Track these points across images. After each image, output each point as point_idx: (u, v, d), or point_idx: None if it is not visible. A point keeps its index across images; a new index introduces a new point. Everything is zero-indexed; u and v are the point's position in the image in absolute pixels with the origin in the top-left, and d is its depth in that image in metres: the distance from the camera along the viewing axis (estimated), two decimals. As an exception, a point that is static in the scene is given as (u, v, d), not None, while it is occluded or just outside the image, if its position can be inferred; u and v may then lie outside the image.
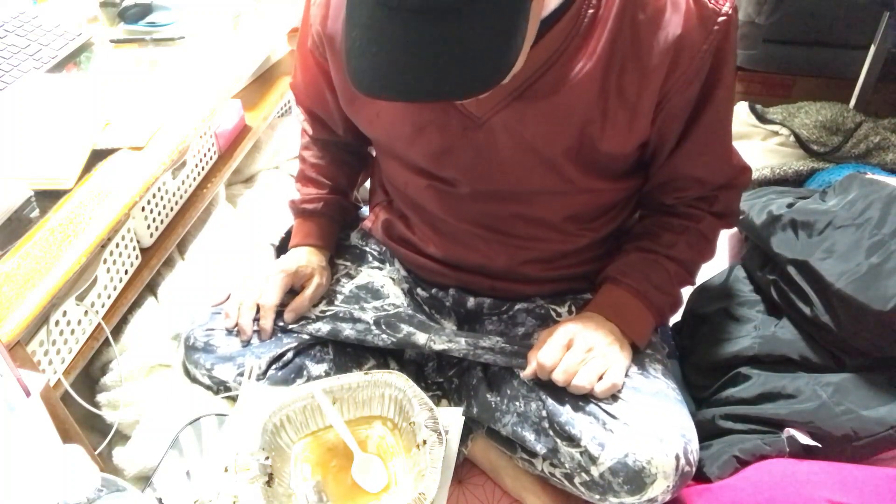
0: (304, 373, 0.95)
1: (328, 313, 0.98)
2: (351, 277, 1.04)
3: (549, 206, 0.89)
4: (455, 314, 1.01)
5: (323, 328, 0.95)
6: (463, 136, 0.82)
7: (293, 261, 1.00)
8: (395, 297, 1.01)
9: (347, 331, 0.94)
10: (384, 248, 1.08)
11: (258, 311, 0.96)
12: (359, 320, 0.95)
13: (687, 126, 0.82)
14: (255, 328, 0.96)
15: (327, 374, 0.95)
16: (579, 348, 0.82)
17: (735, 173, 0.90)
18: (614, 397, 0.82)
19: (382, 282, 1.03)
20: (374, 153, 1.10)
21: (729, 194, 0.91)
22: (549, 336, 0.86)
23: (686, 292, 1.07)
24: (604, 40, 0.74)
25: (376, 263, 1.07)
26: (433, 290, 1.02)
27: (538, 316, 0.97)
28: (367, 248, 1.09)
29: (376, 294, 1.01)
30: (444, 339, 0.92)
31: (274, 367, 0.95)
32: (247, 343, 0.96)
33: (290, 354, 0.96)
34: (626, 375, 0.84)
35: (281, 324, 0.98)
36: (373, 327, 0.94)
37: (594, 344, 0.83)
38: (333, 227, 1.08)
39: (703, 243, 0.92)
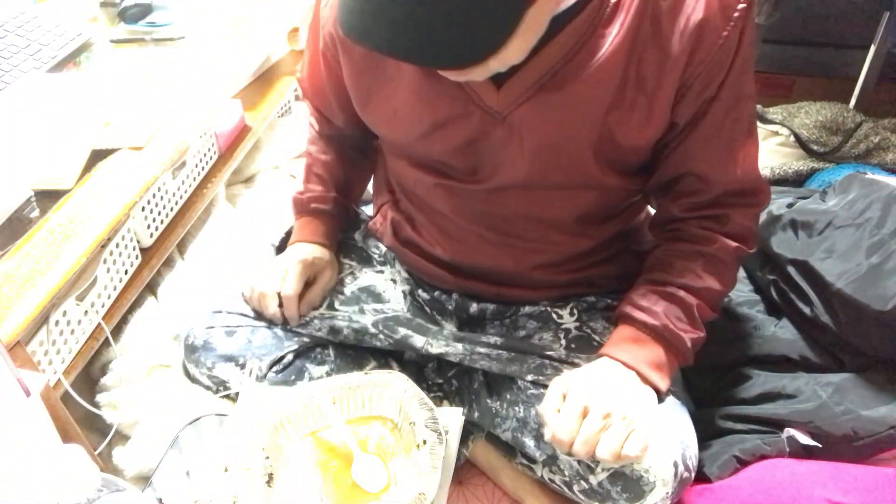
0: (305, 375, 0.95)
1: (327, 316, 0.98)
2: (355, 277, 1.04)
3: (561, 206, 0.87)
4: (457, 317, 1.00)
5: (322, 327, 0.96)
6: (483, 132, 0.81)
7: (307, 253, 0.99)
8: (396, 302, 1.01)
9: (346, 331, 0.95)
10: (385, 250, 1.07)
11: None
12: (357, 322, 0.95)
13: (697, 113, 0.79)
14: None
15: (328, 376, 0.95)
16: (596, 415, 0.75)
17: (746, 186, 0.83)
18: None
19: (384, 286, 1.03)
20: (379, 149, 1.08)
21: (741, 213, 0.85)
22: (557, 395, 0.79)
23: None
24: (626, 28, 0.73)
25: (378, 266, 1.07)
26: (435, 293, 1.01)
27: (539, 318, 0.96)
28: (370, 250, 1.08)
29: (377, 298, 1.01)
30: (442, 343, 0.92)
31: (274, 369, 0.95)
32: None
33: (290, 356, 0.96)
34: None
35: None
36: (370, 328, 0.95)
37: (612, 407, 0.75)
38: (338, 228, 1.07)
39: (721, 268, 0.85)
